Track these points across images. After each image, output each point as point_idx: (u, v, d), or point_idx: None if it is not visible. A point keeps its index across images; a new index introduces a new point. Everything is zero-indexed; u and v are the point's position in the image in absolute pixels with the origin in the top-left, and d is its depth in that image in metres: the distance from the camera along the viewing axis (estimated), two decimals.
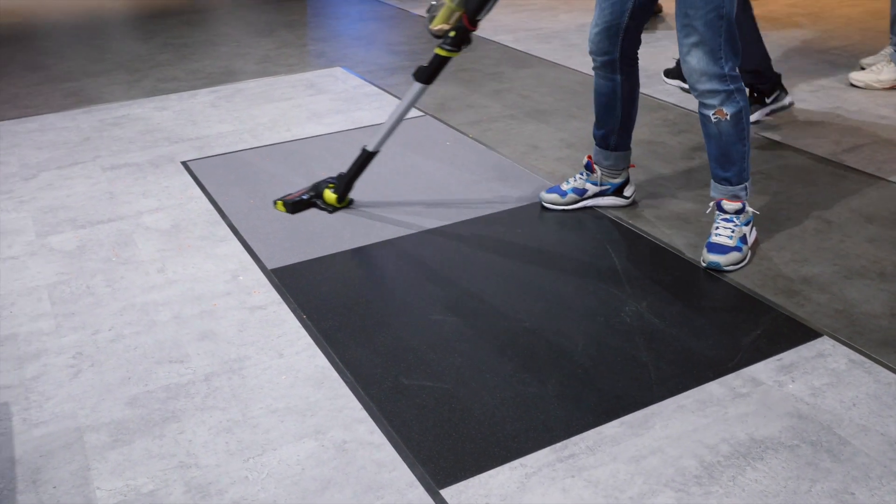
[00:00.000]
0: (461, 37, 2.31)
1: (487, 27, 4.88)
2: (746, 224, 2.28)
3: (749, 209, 2.29)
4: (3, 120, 3.60)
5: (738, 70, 2.16)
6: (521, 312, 2.06)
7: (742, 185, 2.27)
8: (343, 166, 2.92)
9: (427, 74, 2.40)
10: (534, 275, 2.23)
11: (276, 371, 1.88)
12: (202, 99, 3.79)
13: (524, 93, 3.73)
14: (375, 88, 3.86)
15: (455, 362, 1.88)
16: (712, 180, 2.30)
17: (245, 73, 4.16)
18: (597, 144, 2.54)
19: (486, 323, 2.03)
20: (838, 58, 4.05)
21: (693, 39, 2.12)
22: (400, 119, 2.48)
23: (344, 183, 2.59)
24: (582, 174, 2.56)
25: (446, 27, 2.31)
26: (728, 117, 2.17)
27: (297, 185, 2.83)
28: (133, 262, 2.38)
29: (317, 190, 2.63)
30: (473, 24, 2.29)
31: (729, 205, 2.27)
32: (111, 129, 3.44)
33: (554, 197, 2.57)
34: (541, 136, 3.21)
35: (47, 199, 2.81)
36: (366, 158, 2.56)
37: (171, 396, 1.81)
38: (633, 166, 2.60)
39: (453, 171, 2.91)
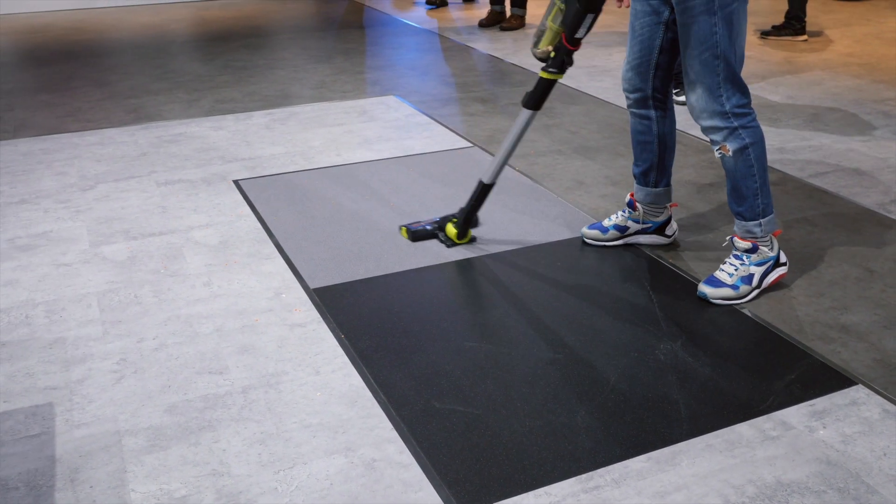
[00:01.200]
0: (561, 57, 2.27)
1: (534, 62, 4.94)
2: (760, 264, 2.28)
3: (765, 250, 2.29)
4: (65, 132, 3.75)
5: (747, 107, 2.17)
6: (555, 344, 2.08)
7: (756, 222, 2.27)
8: (390, 191, 2.98)
9: (535, 100, 2.37)
10: (570, 308, 2.25)
11: (311, 387, 1.92)
12: (257, 121, 3.90)
13: (573, 129, 3.76)
14: (426, 118, 3.93)
15: (487, 389, 1.90)
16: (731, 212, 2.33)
17: (300, 98, 4.27)
18: (637, 182, 2.56)
19: (520, 352, 2.05)
20: (893, 108, 4.01)
21: (691, 77, 2.17)
22: (513, 147, 2.48)
23: (463, 217, 2.58)
24: (624, 211, 2.58)
25: (549, 49, 2.30)
26: (731, 153, 2.19)
27: (344, 206, 2.90)
28: (180, 275, 2.45)
29: (441, 223, 2.64)
30: (573, 43, 2.23)
31: (740, 243, 2.29)
32: (168, 146, 3.56)
33: (595, 233, 2.59)
34: (586, 173, 3.24)
35: (103, 210, 2.91)
36: (483, 191, 2.55)
37: (209, 406, 1.86)
38: (676, 205, 2.61)
39: (497, 202, 2.94)
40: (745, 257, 2.29)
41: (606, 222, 2.60)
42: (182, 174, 3.25)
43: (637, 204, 2.55)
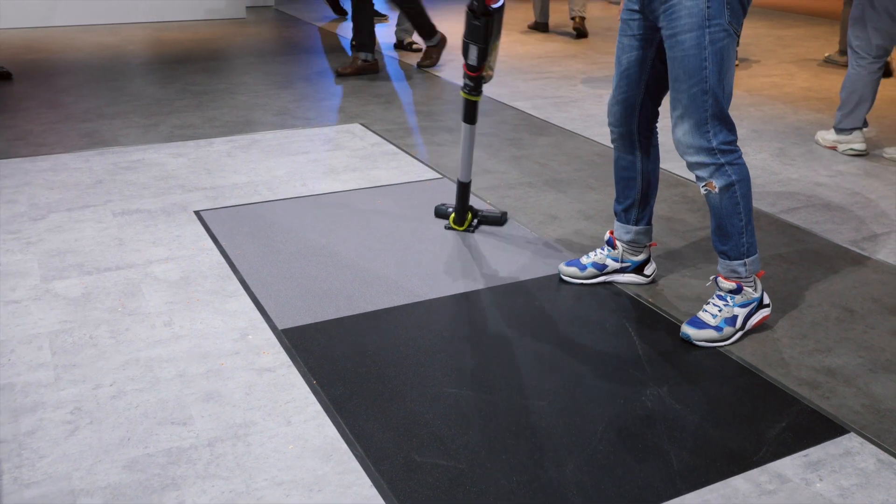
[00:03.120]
0: (464, 81, 2.67)
1: (505, 92, 4.90)
2: (743, 305, 2.23)
3: (749, 290, 2.24)
4: (16, 157, 3.58)
5: (733, 144, 2.13)
6: (538, 389, 2.00)
7: (740, 261, 2.22)
8: (359, 224, 2.88)
9: (465, 115, 2.77)
10: (551, 350, 2.17)
11: (282, 439, 1.81)
12: (218, 147, 3.77)
13: (542, 161, 3.71)
14: (393, 147, 3.85)
15: (470, 440, 1.81)
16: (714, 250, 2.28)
17: (263, 124, 4.15)
18: (617, 219, 2.50)
19: (503, 399, 1.96)
20: None
21: (678, 112, 2.13)
22: (469, 148, 2.82)
23: (456, 209, 2.91)
24: (603, 249, 2.52)
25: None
26: (717, 190, 2.15)
27: (311, 240, 2.79)
28: (139, 314, 2.31)
29: (444, 213, 2.99)
30: (470, 69, 2.57)
31: (724, 283, 2.24)
32: (125, 174, 3.41)
33: (573, 270, 2.53)
34: (559, 206, 3.18)
35: (55, 241, 2.76)
36: (462, 189, 2.86)
37: (172, 461, 1.73)
38: (655, 244, 2.56)
39: (469, 237, 2.86)
40: (728, 298, 2.24)
41: (584, 259, 2.54)
42: (140, 204, 3.10)
43: (616, 242, 2.49)
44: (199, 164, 3.54)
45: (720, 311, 2.23)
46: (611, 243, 2.50)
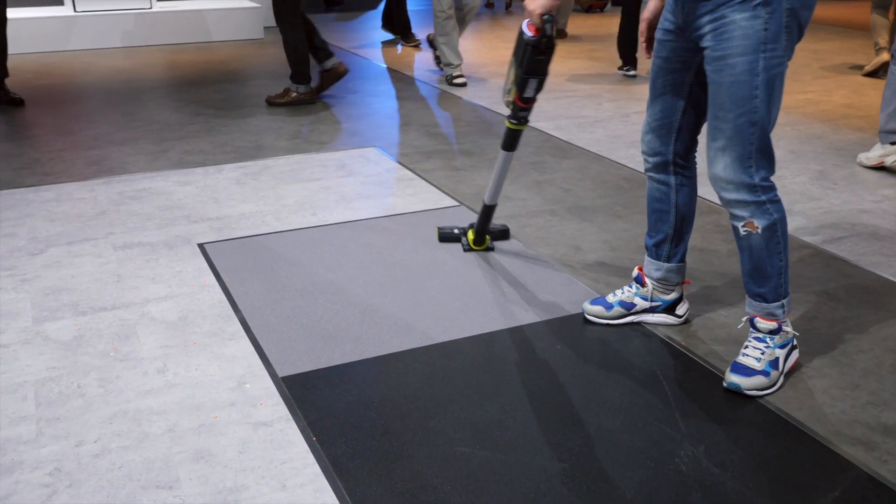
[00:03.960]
0: (516, 112, 2.45)
1: None
2: (782, 346, 2.05)
3: (788, 330, 2.06)
4: (20, 187, 3.46)
5: (770, 179, 1.95)
6: (560, 449, 1.81)
7: (778, 303, 2.04)
8: (370, 257, 2.72)
9: (506, 143, 2.58)
10: (574, 401, 1.98)
11: None
12: (228, 174, 3.63)
13: (566, 186, 3.53)
14: (409, 172, 3.69)
15: None
16: (746, 295, 2.08)
17: (274, 150, 4.01)
18: (648, 255, 2.32)
19: (520, 460, 1.77)
20: None
21: (720, 144, 1.92)
22: (502, 176, 2.69)
23: (477, 229, 2.81)
24: (631, 286, 2.34)
25: (512, 99, 2.42)
26: (759, 231, 1.95)
27: (319, 275, 2.63)
28: (132, 359, 2.16)
29: (467, 228, 2.88)
30: (524, 101, 2.38)
31: (763, 323, 2.05)
32: (129, 203, 3.28)
33: (599, 310, 2.34)
34: (583, 236, 2.99)
35: (51, 278, 2.62)
36: (485, 211, 2.76)
37: None
38: (688, 282, 2.37)
39: (487, 271, 2.69)
40: (768, 339, 2.04)
41: (611, 298, 2.35)
42: (142, 236, 2.96)
43: (646, 279, 2.30)
44: (206, 193, 3.40)
45: (763, 353, 2.03)
46: (640, 280, 2.32)
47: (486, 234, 2.82)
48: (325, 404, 1.96)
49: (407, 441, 1.83)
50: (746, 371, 2.01)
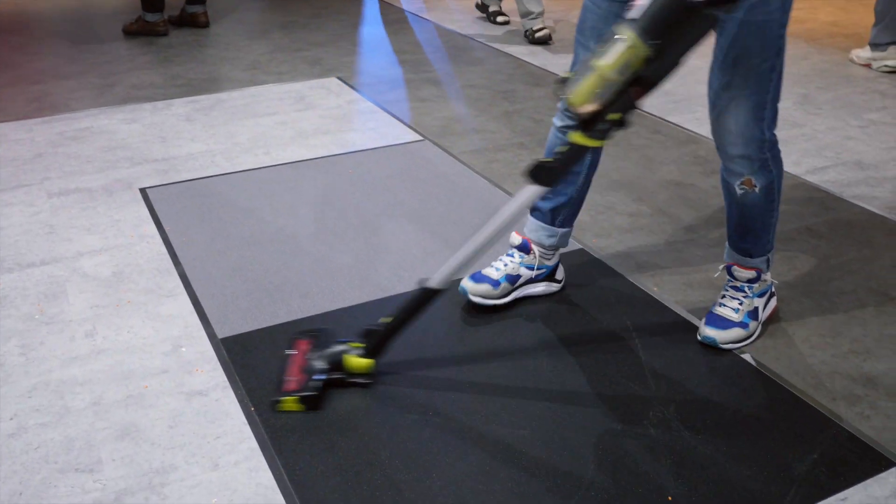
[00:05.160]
0: (624, 120, 1.51)
1: (499, 35, 4.48)
2: (760, 295, 1.91)
3: (767, 278, 1.91)
4: None
5: (775, 133, 1.76)
6: (519, 413, 1.67)
7: (763, 258, 1.89)
8: (324, 200, 2.53)
9: (557, 174, 1.60)
10: (536, 359, 1.84)
11: (206, 490, 1.49)
12: (177, 110, 3.40)
13: (537, 116, 3.32)
14: (371, 104, 3.47)
15: (433, 487, 1.48)
16: (728, 244, 1.92)
17: (229, 82, 3.77)
18: (538, 219, 2.03)
19: (475, 428, 1.63)
20: (889, 87, 3.62)
21: (735, 93, 1.68)
22: (495, 238, 1.67)
23: (384, 339, 1.75)
24: (511, 255, 2.06)
25: (597, 107, 1.49)
26: (757, 189, 1.78)
27: (268, 222, 2.44)
28: (59, 322, 1.99)
29: (331, 360, 1.75)
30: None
31: (741, 272, 1.89)
32: (69, 145, 3.06)
33: (485, 289, 2.00)
34: None
35: None
36: (428, 298, 1.72)
37: None
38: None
39: (450, 213, 2.51)
40: (746, 288, 1.89)
41: (493, 273, 2.02)
42: (80, 181, 2.76)
43: (533, 247, 2.05)
44: (153, 131, 3.18)
45: (741, 304, 1.88)
46: (525, 248, 2.05)
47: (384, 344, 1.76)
48: (267, 369, 1.81)
49: (353, 408, 1.69)
50: (723, 323, 1.86)
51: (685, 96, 3.46)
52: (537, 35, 4.30)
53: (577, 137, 1.54)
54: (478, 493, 1.47)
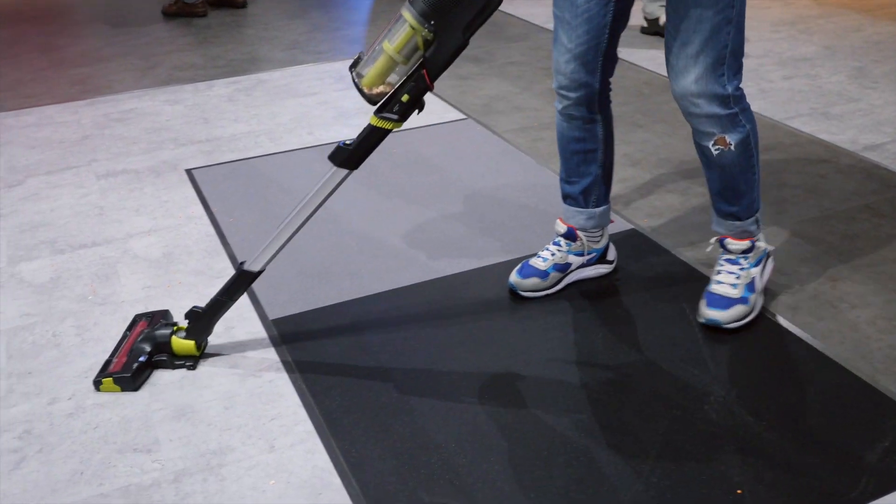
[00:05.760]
0: (416, 102, 1.57)
1: (539, 12, 4.41)
2: (756, 264, 1.85)
3: (761, 245, 1.85)
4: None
5: (740, 88, 1.70)
6: (576, 399, 1.64)
7: (752, 219, 1.83)
8: (369, 180, 2.51)
9: (358, 157, 1.65)
10: (592, 341, 1.80)
11: (263, 472, 1.49)
12: (219, 91, 3.40)
13: None
14: None
15: (490, 471, 1.46)
16: (714, 213, 1.86)
17: (269, 62, 3.75)
18: (572, 205, 1.97)
19: (532, 412, 1.60)
20: None
21: (692, 49, 1.63)
22: (304, 223, 1.71)
23: (207, 321, 1.75)
24: (557, 243, 2.00)
25: (387, 88, 1.56)
26: (732, 147, 1.71)
27: None
28: (111, 303, 2.00)
29: (154, 342, 1.75)
30: (433, 82, 1.56)
31: (734, 244, 1.84)
32: (114, 126, 3.07)
33: (534, 282, 1.95)
34: None
35: (28, 213, 2.44)
36: (247, 281, 1.74)
37: None
38: (613, 221, 2.08)
39: (496, 194, 2.47)
40: (742, 260, 1.85)
41: (541, 263, 1.97)
42: (127, 163, 2.76)
43: (578, 233, 1.98)
44: (196, 112, 3.17)
45: (738, 278, 1.83)
46: (570, 235, 1.97)
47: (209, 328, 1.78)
48: (320, 350, 1.80)
49: (408, 389, 1.67)
50: (723, 302, 1.81)
51: None
52: (661, 23, 3.66)
53: (373, 119, 1.60)
54: (537, 479, 1.45)
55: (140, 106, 3.26)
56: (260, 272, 1.72)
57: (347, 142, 1.64)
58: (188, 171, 2.68)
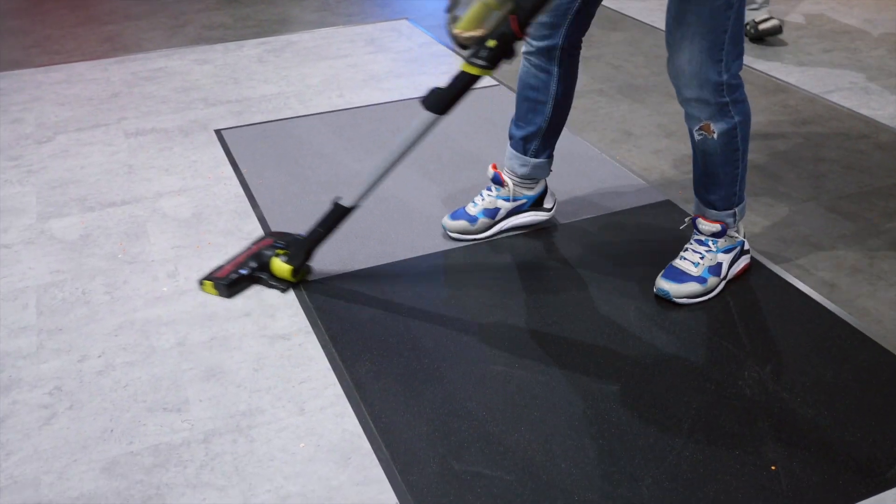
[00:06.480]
0: (503, 49, 1.57)
1: None
2: (727, 251, 1.83)
3: (735, 234, 1.84)
4: (29, 67, 3.25)
5: (739, 77, 1.66)
6: (608, 368, 1.62)
7: (729, 212, 1.81)
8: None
9: (447, 101, 1.65)
10: (625, 312, 1.78)
11: (292, 434, 1.48)
12: (249, 52, 3.37)
13: (615, 62, 3.21)
14: (443, 48, 3.38)
15: (522, 439, 1.45)
16: (694, 194, 1.85)
17: (300, 23, 3.71)
18: (512, 146, 2.01)
19: (564, 381, 1.59)
20: None
21: (688, 31, 1.59)
22: (395, 164, 1.75)
23: (305, 250, 1.86)
24: (489, 189, 2.04)
25: (479, 33, 1.57)
26: (715, 135, 1.69)
27: (344, 165, 2.41)
28: (141, 262, 1.99)
29: (260, 260, 1.90)
30: (524, 30, 1.56)
31: (705, 225, 1.82)
32: (143, 85, 3.05)
33: (462, 225, 2.03)
34: (635, 120, 2.71)
35: (58, 169, 2.44)
36: (340, 215, 1.84)
37: (159, 463, 1.43)
38: (552, 171, 2.07)
39: None
40: (710, 242, 1.83)
41: (471, 208, 2.04)
42: (156, 121, 2.75)
43: (505, 178, 2.01)
44: (225, 73, 3.15)
45: (702, 258, 1.82)
46: (498, 180, 2.01)
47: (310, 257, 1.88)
48: (348, 314, 1.79)
49: (438, 357, 1.66)
50: (679, 276, 1.80)
51: (771, 42, 3.30)
52: (761, 27, 3.30)
53: (463, 65, 1.61)
54: (567, 448, 1.44)
55: (170, 65, 3.24)
56: (353, 207, 1.82)
57: (440, 87, 1.66)
58: (217, 132, 2.67)
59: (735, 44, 1.62)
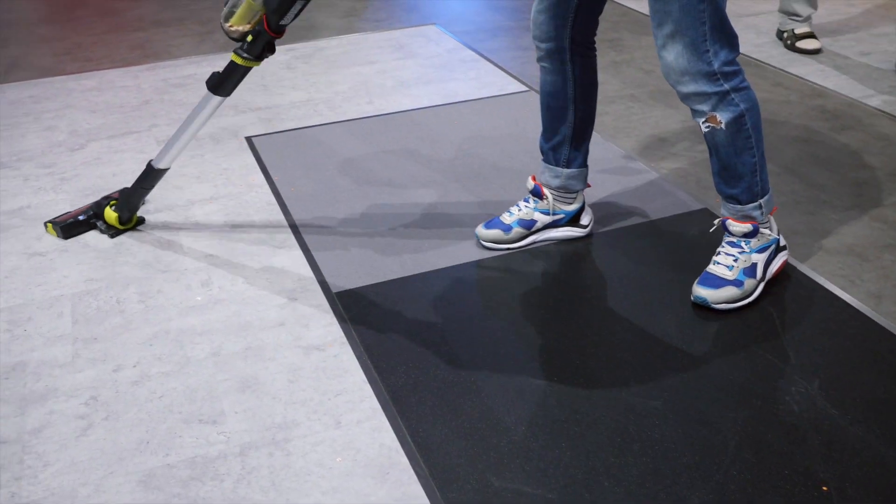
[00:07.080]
0: (261, 45, 1.80)
1: None
2: (761, 251, 1.79)
3: (766, 232, 1.79)
4: (60, 74, 3.26)
5: (735, 63, 1.63)
6: (650, 383, 1.58)
7: (755, 204, 1.76)
8: (431, 151, 2.47)
9: (224, 85, 1.89)
10: (665, 324, 1.74)
11: (329, 448, 1.46)
12: (277, 58, 3.36)
13: (647, 67, 3.17)
14: (472, 53, 3.36)
15: (563, 457, 1.42)
16: (719, 195, 1.81)
17: (327, 29, 3.71)
18: (544, 160, 2.00)
19: (604, 396, 1.56)
20: None
21: (668, 29, 1.59)
22: (195, 133, 1.97)
23: (128, 202, 2.09)
24: (527, 200, 2.03)
25: (244, 28, 1.79)
26: (723, 126, 1.65)
27: (375, 172, 2.39)
28: (174, 270, 1.99)
29: (98, 208, 2.15)
30: (277, 30, 1.77)
31: (736, 226, 1.77)
32: (174, 92, 3.05)
33: (496, 234, 2.01)
34: (668, 125, 2.68)
35: (91, 177, 2.45)
36: (155, 176, 2.05)
37: (196, 476, 1.42)
38: (590, 185, 2.05)
39: None
40: (743, 243, 1.79)
41: (507, 218, 2.02)
42: None
43: (544, 190, 1.99)
44: (254, 79, 3.15)
45: (736, 260, 1.78)
46: (537, 192, 2.00)
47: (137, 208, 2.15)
48: (384, 325, 1.77)
49: (476, 368, 1.63)
50: (715, 282, 1.76)
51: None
52: (800, 45, 3.24)
53: (233, 56, 1.83)
54: (610, 466, 1.40)
55: (199, 72, 3.24)
56: (165, 169, 2.03)
57: (219, 71, 1.90)
58: (248, 139, 2.66)
59: (720, 32, 1.59)
